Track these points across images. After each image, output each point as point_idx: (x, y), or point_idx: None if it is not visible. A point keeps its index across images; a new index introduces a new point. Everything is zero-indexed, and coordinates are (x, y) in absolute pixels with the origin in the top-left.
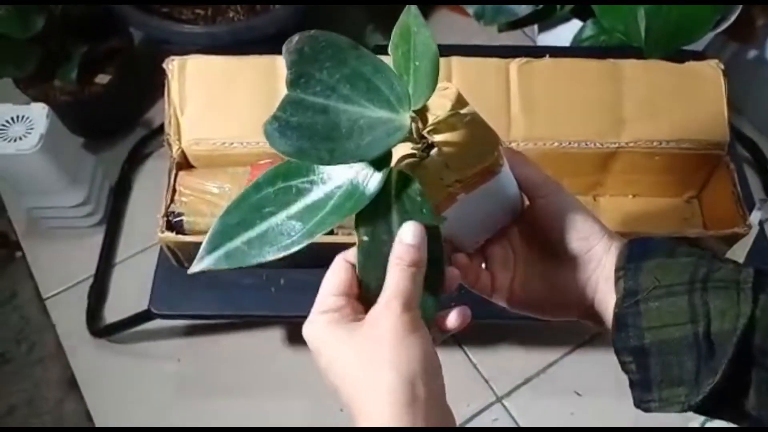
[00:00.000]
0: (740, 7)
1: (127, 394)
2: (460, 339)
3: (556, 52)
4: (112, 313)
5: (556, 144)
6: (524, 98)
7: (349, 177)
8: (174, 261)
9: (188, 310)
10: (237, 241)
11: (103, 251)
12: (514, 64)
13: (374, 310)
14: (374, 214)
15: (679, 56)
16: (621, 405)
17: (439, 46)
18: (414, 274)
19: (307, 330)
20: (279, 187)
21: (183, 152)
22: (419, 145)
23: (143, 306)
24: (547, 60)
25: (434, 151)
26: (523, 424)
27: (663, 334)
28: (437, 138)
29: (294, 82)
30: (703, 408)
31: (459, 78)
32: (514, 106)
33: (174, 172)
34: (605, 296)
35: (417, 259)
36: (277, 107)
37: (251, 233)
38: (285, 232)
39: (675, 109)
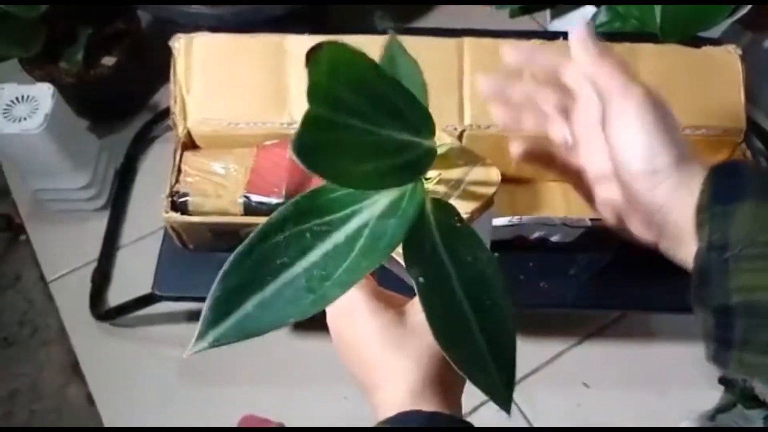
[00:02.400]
0: None
1: (130, 378)
2: None
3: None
4: (115, 297)
5: None
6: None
7: (374, 213)
8: (178, 242)
9: (192, 292)
10: (249, 305)
11: (107, 235)
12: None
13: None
14: (419, 251)
15: (696, 43)
16: (628, 398)
17: (451, 30)
18: None
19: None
20: (290, 233)
21: (188, 132)
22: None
23: (147, 289)
24: (561, 42)
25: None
26: (529, 415)
27: (755, 296)
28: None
29: (316, 96)
30: None
31: (471, 58)
32: None
33: (179, 152)
34: (682, 219)
35: None
36: (301, 123)
37: (265, 293)
38: (307, 287)
39: (691, 94)
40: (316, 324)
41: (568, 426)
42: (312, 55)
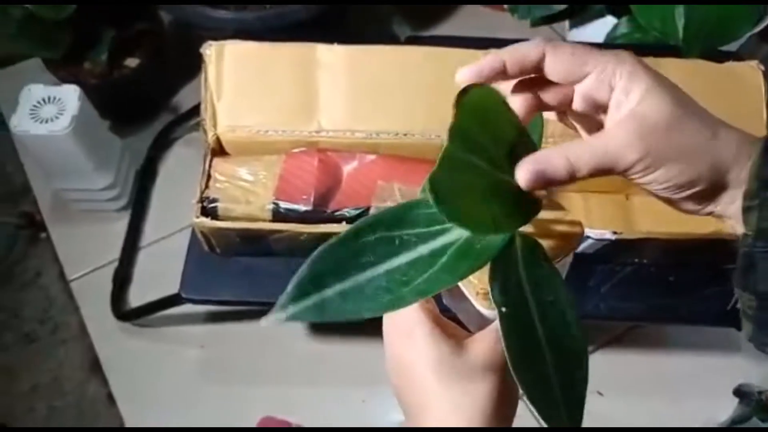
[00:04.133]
0: None
1: (150, 377)
2: None
3: None
4: (136, 297)
5: None
6: None
7: (464, 235)
8: (206, 247)
9: (218, 296)
10: (330, 291)
11: (128, 235)
12: None
13: (484, 337)
14: (505, 281)
15: (716, 56)
16: (642, 406)
17: (474, 39)
18: None
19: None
20: (380, 235)
21: (218, 138)
22: None
23: (167, 290)
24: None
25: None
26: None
27: None
28: None
29: (456, 138)
30: None
31: None
32: None
33: (209, 158)
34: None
35: None
36: (439, 163)
37: (346, 284)
38: (386, 287)
39: (713, 108)
40: (337, 327)
41: None
42: (461, 97)
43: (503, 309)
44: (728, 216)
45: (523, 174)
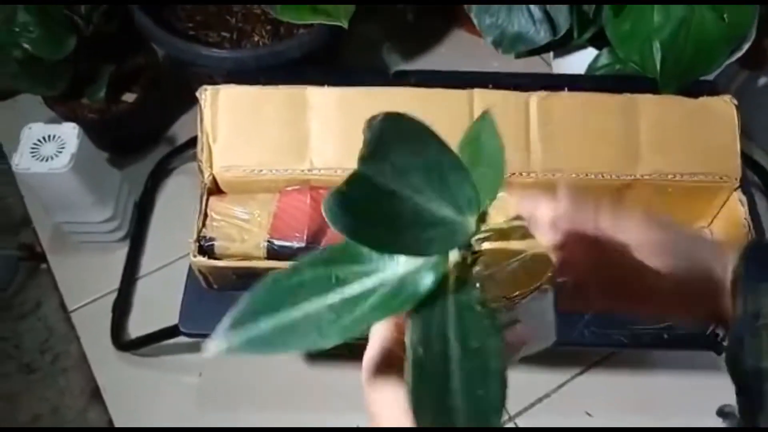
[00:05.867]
0: (753, 37)
1: (150, 405)
2: None
3: (573, 81)
4: (135, 326)
5: (573, 175)
6: (543, 131)
7: (397, 274)
8: (204, 283)
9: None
10: (261, 325)
11: (127, 266)
12: (534, 98)
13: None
14: (428, 323)
15: (693, 87)
16: (630, 427)
17: (460, 73)
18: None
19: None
20: (319, 273)
21: (214, 178)
22: (466, 252)
23: (167, 319)
24: (565, 94)
25: (480, 260)
26: None
27: None
28: (486, 246)
29: (366, 159)
30: None
31: (480, 110)
32: (533, 139)
33: (205, 197)
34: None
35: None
36: (344, 182)
37: (279, 319)
38: (316, 325)
39: (689, 142)
40: (335, 353)
41: None
42: (370, 122)
43: (419, 349)
44: None
45: None
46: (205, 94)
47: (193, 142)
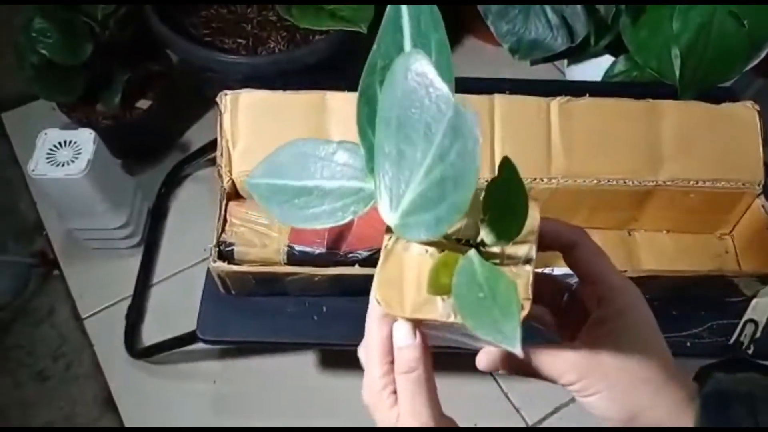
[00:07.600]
0: None
1: (163, 413)
2: None
3: (591, 88)
4: (149, 333)
5: (594, 181)
6: (564, 136)
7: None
8: (222, 288)
9: (234, 336)
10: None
11: (141, 273)
12: (555, 103)
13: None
14: None
15: (711, 94)
16: None
17: (477, 79)
18: (419, 377)
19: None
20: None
21: (233, 183)
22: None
23: (181, 327)
24: (586, 99)
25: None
26: None
27: None
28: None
29: None
30: None
31: (501, 115)
32: (554, 144)
33: (225, 202)
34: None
35: (414, 360)
36: None
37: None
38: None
39: (711, 148)
40: (345, 360)
41: None
42: None
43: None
44: None
45: (482, 362)
46: (225, 99)
47: (206, 148)
